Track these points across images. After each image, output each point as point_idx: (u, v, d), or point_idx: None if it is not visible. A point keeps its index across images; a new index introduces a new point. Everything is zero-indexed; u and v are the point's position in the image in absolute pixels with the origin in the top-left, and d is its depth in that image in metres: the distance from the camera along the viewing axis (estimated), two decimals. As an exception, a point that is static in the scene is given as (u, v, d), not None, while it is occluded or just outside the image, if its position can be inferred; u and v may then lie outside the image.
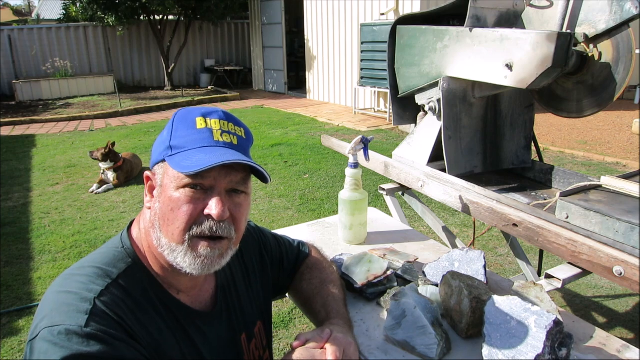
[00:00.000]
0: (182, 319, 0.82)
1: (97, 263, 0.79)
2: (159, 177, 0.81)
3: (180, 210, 0.76)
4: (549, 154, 5.50)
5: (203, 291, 0.89)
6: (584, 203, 1.30)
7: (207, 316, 0.87)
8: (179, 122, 0.81)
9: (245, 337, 0.94)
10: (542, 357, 0.79)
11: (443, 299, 1.01)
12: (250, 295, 0.98)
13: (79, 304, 0.72)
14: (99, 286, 0.75)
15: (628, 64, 1.52)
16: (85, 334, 0.69)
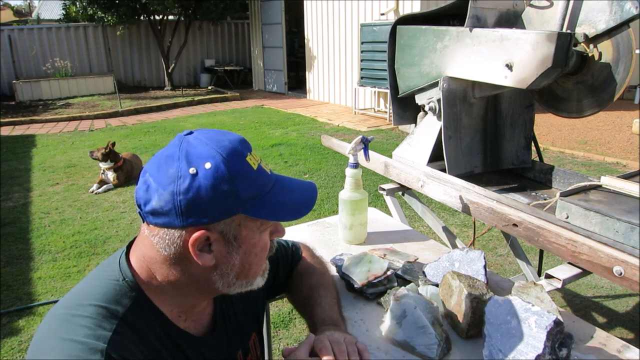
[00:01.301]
0: (187, 348, 0.79)
1: (98, 300, 0.72)
2: (231, 232, 0.74)
3: (264, 251, 0.78)
4: (549, 154, 5.50)
5: (205, 314, 0.87)
6: (584, 203, 1.30)
7: (208, 341, 0.85)
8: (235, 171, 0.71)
9: (241, 353, 0.93)
10: (542, 357, 0.79)
11: (443, 299, 1.01)
12: (246, 306, 0.97)
13: (89, 357, 0.65)
14: (107, 331, 0.68)
15: (628, 64, 1.52)
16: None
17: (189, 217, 0.70)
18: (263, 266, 0.80)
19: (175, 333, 0.78)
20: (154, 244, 0.74)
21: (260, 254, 0.78)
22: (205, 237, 0.72)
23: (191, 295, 0.78)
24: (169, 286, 0.76)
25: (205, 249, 0.73)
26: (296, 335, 2.33)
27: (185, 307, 0.80)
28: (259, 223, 0.75)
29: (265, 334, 1.64)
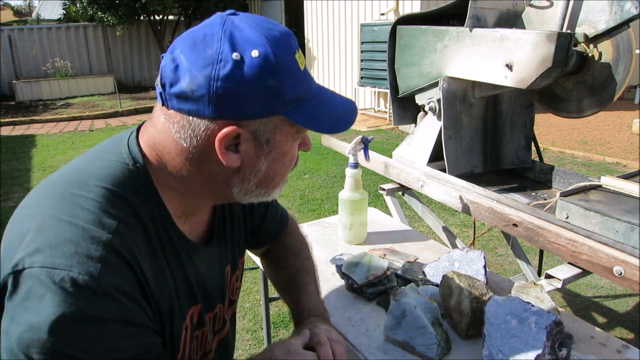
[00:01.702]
0: (182, 252, 0.73)
1: (104, 182, 0.63)
2: (265, 134, 0.66)
3: (292, 161, 0.72)
4: (549, 154, 5.50)
5: (200, 222, 0.80)
6: (584, 203, 1.30)
7: (203, 250, 0.79)
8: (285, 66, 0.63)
9: (229, 269, 0.88)
10: (542, 357, 0.79)
11: (443, 299, 1.01)
12: (239, 229, 0.92)
13: (90, 247, 0.57)
14: (113, 219, 0.60)
15: (628, 64, 1.52)
16: (97, 290, 0.56)
17: (223, 108, 0.61)
18: (285, 178, 0.74)
19: (175, 234, 0.71)
20: (172, 132, 0.65)
21: (288, 164, 0.72)
22: (236, 134, 0.63)
23: (201, 197, 0.72)
24: (180, 182, 0.69)
25: (231, 148, 0.65)
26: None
27: (189, 209, 0.73)
28: (294, 130, 0.68)
29: (265, 334, 1.64)
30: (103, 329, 0.57)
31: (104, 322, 0.57)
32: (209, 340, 0.83)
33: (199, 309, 0.77)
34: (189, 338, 0.75)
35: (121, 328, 0.58)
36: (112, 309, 0.57)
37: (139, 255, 0.63)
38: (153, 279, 0.65)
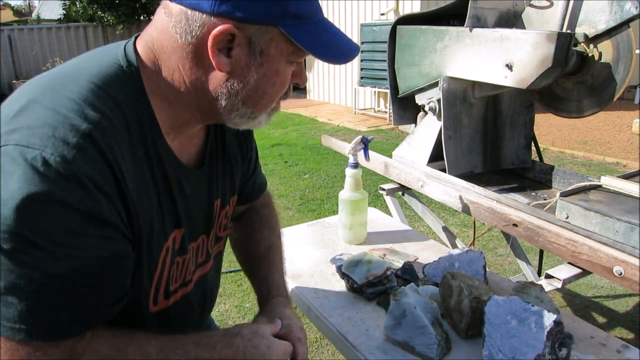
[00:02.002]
0: (169, 170, 0.71)
1: (94, 78, 0.63)
2: (260, 43, 0.64)
3: (283, 85, 0.69)
4: (549, 154, 5.50)
5: (192, 145, 0.79)
6: (584, 203, 1.31)
7: (191, 173, 0.77)
8: None
9: (219, 202, 0.87)
10: (542, 357, 0.79)
11: (443, 299, 1.01)
12: (234, 166, 0.91)
13: (68, 133, 0.56)
14: (97, 113, 0.59)
15: (628, 64, 1.52)
16: (67, 175, 0.54)
17: (223, 3, 0.61)
18: (273, 104, 0.72)
19: (163, 149, 0.70)
20: (169, 26, 0.64)
21: (278, 86, 0.69)
22: (230, 34, 0.62)
23: (188, 110, 0.70)
24: (170, 90, 0.68)
25: (224, 51, 0.64)
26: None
27: (178, 123, 0.71)
28: (291, 50, 0.66)
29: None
30: (67, 218, 0.55)
31: (70, 210, 0.55)
32: (190, 270, 0.82)
33: (182, 234, 0.77)
34: (169, 261, 0.75)
35: (87, 222, 0.57)
36: (80, 198, 0.56)
37: (119, 156, 0.61)
38: (134, 186, 0.64)
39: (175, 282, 0.78)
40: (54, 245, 0.55)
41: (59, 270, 0.56)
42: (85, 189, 0.56)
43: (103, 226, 0.59)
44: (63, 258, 0.56)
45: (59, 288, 0.56)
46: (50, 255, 0.55)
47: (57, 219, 0.55)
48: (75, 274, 0.57)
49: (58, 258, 0.55)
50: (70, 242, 0.56)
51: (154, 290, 0.74)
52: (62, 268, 0.56)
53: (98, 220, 0.58)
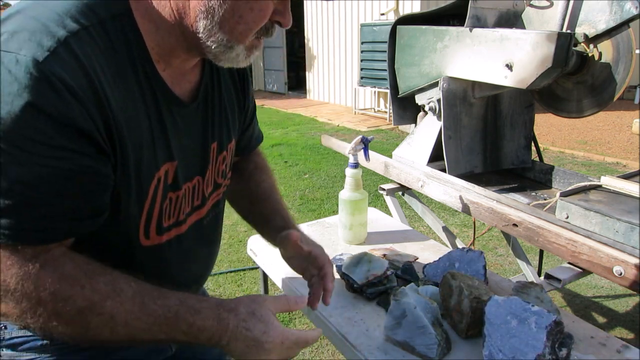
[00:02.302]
0: (161, 99, 0.71)
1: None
2: None
3: (261, 14, 0.67)
4: (549, 154, 5.50)
5: (186, 80, 0.78)
6: (584, 203, 1.31)
7: (185, 107, 0.76)
8: None
9: (216, 146, 0.86)
10: (542, 357, 0.79)
11: (443, 299, 1.01)
12: (229, 114, 0.90)
13: (43, 37, 0.56)
14: (77, 24, 0.59)
15: (628, 64, 1.52)
16: (38, 75, 0.54)
17: None
18: (250, 37, 0.69)
19: (155, 77, 0.69)
20: None
21: (256, 13, 0.67)
22: None
23: (175, 34, 0.69)
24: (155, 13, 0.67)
25: None
26: (296, 335, 2.33)
27: (165, 50, 0.70)
28: None
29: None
30: (37, 123, 0.54)
31: (41, 114, 0.54)
32: (184, 211, 0.80)
33: (175, 168, 0.76)
34: (160, 194, 0.73)
35: (58, 130, 0.56)
36: (51, 100, 0.55)
37: (98, 67, 0.60)
38: (120, 104, 0.63)
39: (168, 218, 0.77)
40: (19, 150, 0.55)
41: (23, 176, 0.55)
42: (56, 91, 0.55)
43: (76, 138, 0.58)
44: (28, 164, 0.55)
45: (21, 193, 0.56)
46: (15, 159, 0.55)
47: (25, 123, 0.54)
48: (40, 181, 0.56)
49: (22, 164, 0.55)
50: (38, 149, 0.55)
51: (144, 221, 0.73)
52: (26, 174, 0.55)
53: (70, 129, 0.57)
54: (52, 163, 0.57)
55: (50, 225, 0.60)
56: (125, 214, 0.70)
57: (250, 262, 2.96)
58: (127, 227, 0.71)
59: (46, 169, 0.56)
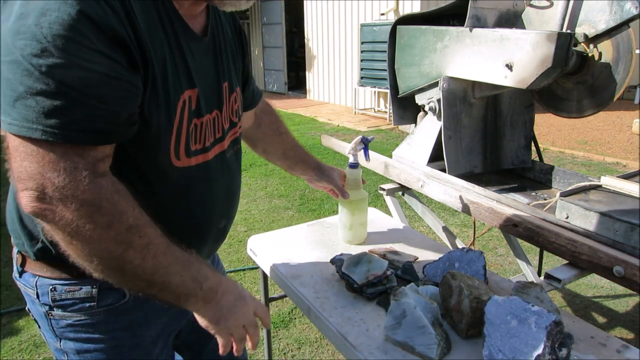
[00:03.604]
0: (179, 30, 0.78)
1: None
2: None
3: None
4: (549, 154, 5.50)
5: (196, 22, 0.85)
6: (584, 203, 1.31)
7: (199, 40, 0.84)
8: None
9: (227, 85, 0.94)
10: (542, 357, 0.79)
11: (443, 299, 1.01)
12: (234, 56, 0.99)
13: None
14: None
15: (628, 64, 1.52)
16: None
17: None
18: None
19: (173, 11, 0.77)
20: None
21: None
22: None
23: None
24: None
25: None
26: (296, 335, 2.33)
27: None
28: None
29: (265, 334, 1.64)
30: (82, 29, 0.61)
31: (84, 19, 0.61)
32: (209, 139, 0.88)
33: (197, 95, 0.82)
34: (186, 116, 0.80)
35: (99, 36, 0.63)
36: (92, 6, 0.62)
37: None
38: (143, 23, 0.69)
39: (195, 143, 0.84)
40: (65, 53, 0.61)
41: (69, 79, 0.62)
42: (99, 4, 0.62)
43: (112, 45, 0.65)
44: (74, 68, 0.62)
45: (67, 95, 0.62)
46: (62, 63, 0.61)
47: (72, 27, 0.61)
48: (83, 84, 0.63)
49: (70, 67, 0.61)
50: (82, 53, 0.62)
51: (174, 141, 0.79)
52: (73, 77, 0.62)
53: (108, 36, 0.64)
54: (94, 67, 0.63)
55: (95, 127, 0.65)
56: (157, 131, 0.76)
57: (250, 262, 2.96)
58: (159, 145, 0.77)
59: (88, 72, 0.63)
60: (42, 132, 0.62)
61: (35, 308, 0.88)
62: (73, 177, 0.64)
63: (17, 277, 0.89)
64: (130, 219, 0.68)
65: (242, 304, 0.82)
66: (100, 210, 0.66)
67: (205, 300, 0.78)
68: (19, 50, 0.60)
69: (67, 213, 0.64)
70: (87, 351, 0.86)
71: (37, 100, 0.61)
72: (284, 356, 2.19)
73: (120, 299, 0.85)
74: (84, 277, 0.78)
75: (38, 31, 0.59)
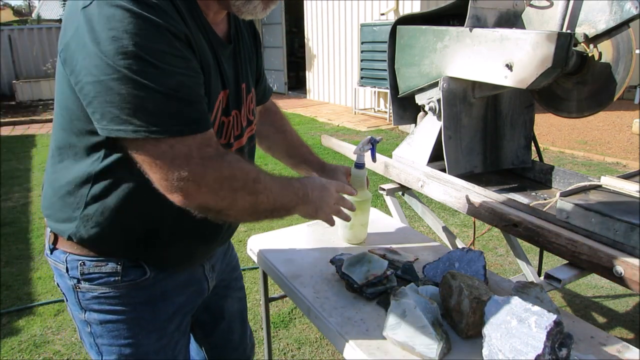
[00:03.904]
0: (212, 39, 0.88)
1: None
2: None
3: None
4: (549, 154, 5.50)
5: (219, 29, 0.93)
6: (584, 203, 1.31)
7: (225, 46, 0.94)
8: None
9: (245, 87, 1.02)
10: (542, 357, 0.79)
11: (443, 299, 1.01)
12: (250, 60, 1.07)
13: None
14: None
15: (628, 64, 1.52)
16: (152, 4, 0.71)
17: None
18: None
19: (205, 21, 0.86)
20: None
21: None
22: None
23: None
24: None
25: None
26: (296, 335, 2.33)
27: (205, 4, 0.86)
28: None
29: (265, 334, 1.64)
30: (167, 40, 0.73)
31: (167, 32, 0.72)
32: (231, 135, 0.98)
33: (227, 95, 0.94)
34: (219, 114, 0.92)
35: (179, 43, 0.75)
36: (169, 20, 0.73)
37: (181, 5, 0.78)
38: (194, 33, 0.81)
39: (221, 138, 0.95)
40: (164, 64, 0.72)
41: (173, 84, 0.73)
42: (168, 15, 0.73)
43: (186, 47, 0.77)
44: (172, 74, 0.73)
45: (175, 97, 0.74)
46: (165, 73, 0.73)
47: (161, 41, 0.72)
48: (184, 85, 0.75)
49: (169, 74, 0.73)
50: (174, 61, 0.74)
51: None
52: (173, 82, 0.73)
53: (184, 41, 0.76)
54: (184, 71, 0.75)
55: (200, 115, 0.78)
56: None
57: (250, 262, 2.96)
58: None
59: (182, 76, 0.75)
60: (166, 131, 0.73)
61: (63, 281, 0.96)
62: (215, 163, 0.78)
63: (48, 254, 0.98)
64: (252, 174, 0.85)
65: (326, 191, 1.02)
66: (236, 179, 0.81)
67: (304, 202, 0.97)
68: (124, 69, 0.70)
69: (216, 193, 0.79)
70: (109, 322, 0.94)
71: (153, 107, 0.72)
72: (284, 356, 2.19)
73: (141, 276, 0.94)
74: (110, 255, 0.91)
75: (137, 50, 0.70)
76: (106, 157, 0.83)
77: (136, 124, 0.72)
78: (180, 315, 1.04)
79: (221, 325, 1.25)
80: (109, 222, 0.87)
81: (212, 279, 1.14)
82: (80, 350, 2.25)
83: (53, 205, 0.93)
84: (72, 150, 0.86)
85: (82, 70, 0.72)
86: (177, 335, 1.04)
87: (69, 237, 0.91)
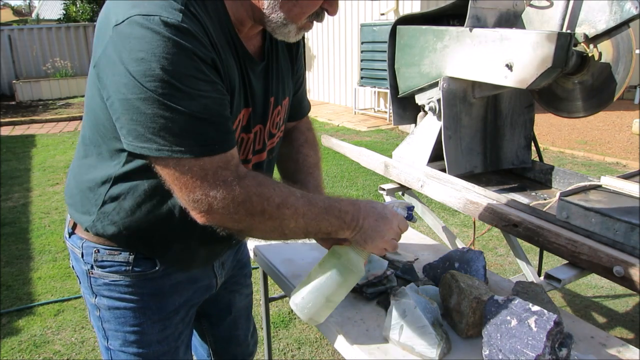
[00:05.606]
0: (242, 56, 0.89)
1: None
2: None
3: (314, 1, 0.83)
4: (549, 154, 5.50)
5: (251, 44, 0.94)
6: (584, 203, 1.31)
7: (255, 63, 0.93)
8: None
9: (273, 100, 1.01)
10: (542, 357, 0.79)
11: (443, 299, 1.01)
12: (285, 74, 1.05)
13: (172, 2, 0.74)
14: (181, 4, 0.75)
15: (628, 64, 1.52)
16: (182, 28, 0.73)
17: None
18: (303, 19, 0.86)
19: (236, 38, 0.87)
20: None
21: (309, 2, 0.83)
22: None
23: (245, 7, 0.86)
24: None
25: None
26: (296, 335, 2.33)
27: (239, 19, 0.87)
28: None
29: (265, 334, 1.64)
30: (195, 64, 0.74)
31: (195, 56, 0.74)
32: (250, 151, 0.98)
33: (249, 114, 0.94)
34: (238, 132, 0.92)
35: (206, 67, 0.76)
36: (197, 46, 0.74)
37: (209, 26, 0.79)
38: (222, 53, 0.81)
39: (240, 154, 0.93)
40: (190, 88, 0.74)
41: (196, 107, 0.75)
42: (197, 39, 0.75)
43: (213, 71, 0.78)
44: (197, 97, 0.75)
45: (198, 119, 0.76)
46: (189, 96, 0.74)
47: (188, 65, 0.74)
48: (208, 109, 0.77)
49: (195, 98, 0.75)
50: (200, 85, 0.75)
51: None
52: (198, 105, 0.75)
53: (211, 65, 0.77)
54: (209, 94, 0.77)
55: (222, 137, 0.80)
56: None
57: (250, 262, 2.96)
58: None
59: (206, 99, 0.76)
60: (188, 152, 0.76)
61: (78, 266, 1.00)
62: (228, 187, 0.79)
63: (67, 237, 1.02)
64: (276, 199, 0.83)
65: (383, 222, 0.92)
66: (252, 204, 0.81)
67: (351, 229, 0.91)
68: (151, 90, 0.72)
69: (231, 216, 0.80)
70: (117, 308, 0.98)
71: (176, 128, 0.74)
72: (284, 356, 2.19)
73: (151, 268, 0.97)
74: (124, 246, 0.94)
75: (164, 74, 0.72)
76: (127, 162, 0.86)
77: (160, 143, 0.75)
78: (186, 308, 1.07)
79: (227, 320, 1.28)
80: (124, 221, 0.91)
81: (222, 275, 1.15)
82: (81, 350, 2.25)
83: (74, 196, 0.98)
84: (97, 150, 0.89)
85: (112, 86, 0.75)
86: (181, 326, 1.06)
87: (86, 229, 0.95)
